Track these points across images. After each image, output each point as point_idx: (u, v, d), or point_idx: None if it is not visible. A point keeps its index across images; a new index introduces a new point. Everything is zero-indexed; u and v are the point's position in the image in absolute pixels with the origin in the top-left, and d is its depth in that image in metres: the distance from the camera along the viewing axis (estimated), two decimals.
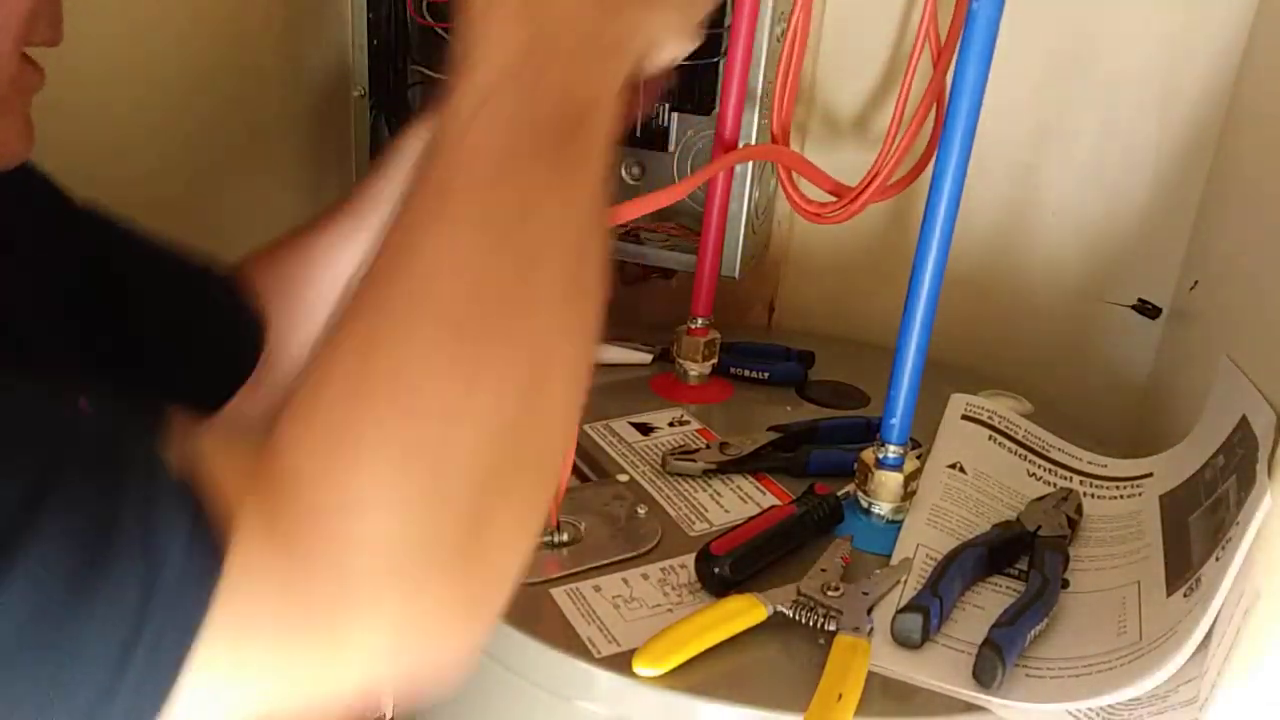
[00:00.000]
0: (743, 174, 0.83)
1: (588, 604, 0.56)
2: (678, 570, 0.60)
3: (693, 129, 0.91)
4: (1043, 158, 0.89)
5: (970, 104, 0.56)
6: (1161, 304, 0.89)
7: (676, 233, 0.91)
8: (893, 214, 0.94)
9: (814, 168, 0.75)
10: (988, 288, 0.93)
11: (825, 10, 0.90)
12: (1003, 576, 0.61)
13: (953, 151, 0.57)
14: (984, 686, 0.51)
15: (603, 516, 0.64)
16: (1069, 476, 0.71)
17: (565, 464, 0.60)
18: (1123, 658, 0.52)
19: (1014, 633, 0.53)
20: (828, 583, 0.57)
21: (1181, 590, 0.54)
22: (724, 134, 0.77)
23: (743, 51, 0.76)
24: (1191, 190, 0.85)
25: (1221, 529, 0.54)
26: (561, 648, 0.53)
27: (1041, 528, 0.63)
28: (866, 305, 0.98)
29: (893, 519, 0.64)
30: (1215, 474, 0.60)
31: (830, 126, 0.94)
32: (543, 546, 0.60)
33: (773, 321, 1.02)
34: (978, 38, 0.54)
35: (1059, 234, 0.91)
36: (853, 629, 0.54)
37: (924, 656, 0.54)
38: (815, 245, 0.98)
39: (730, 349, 0.85)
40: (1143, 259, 0.89)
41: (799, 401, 0.82)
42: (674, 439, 0.74)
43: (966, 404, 0.75)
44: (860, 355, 0.90)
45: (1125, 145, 0.87)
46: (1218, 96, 0.82)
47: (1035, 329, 0.94)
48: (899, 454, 0.63)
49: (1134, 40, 0.84)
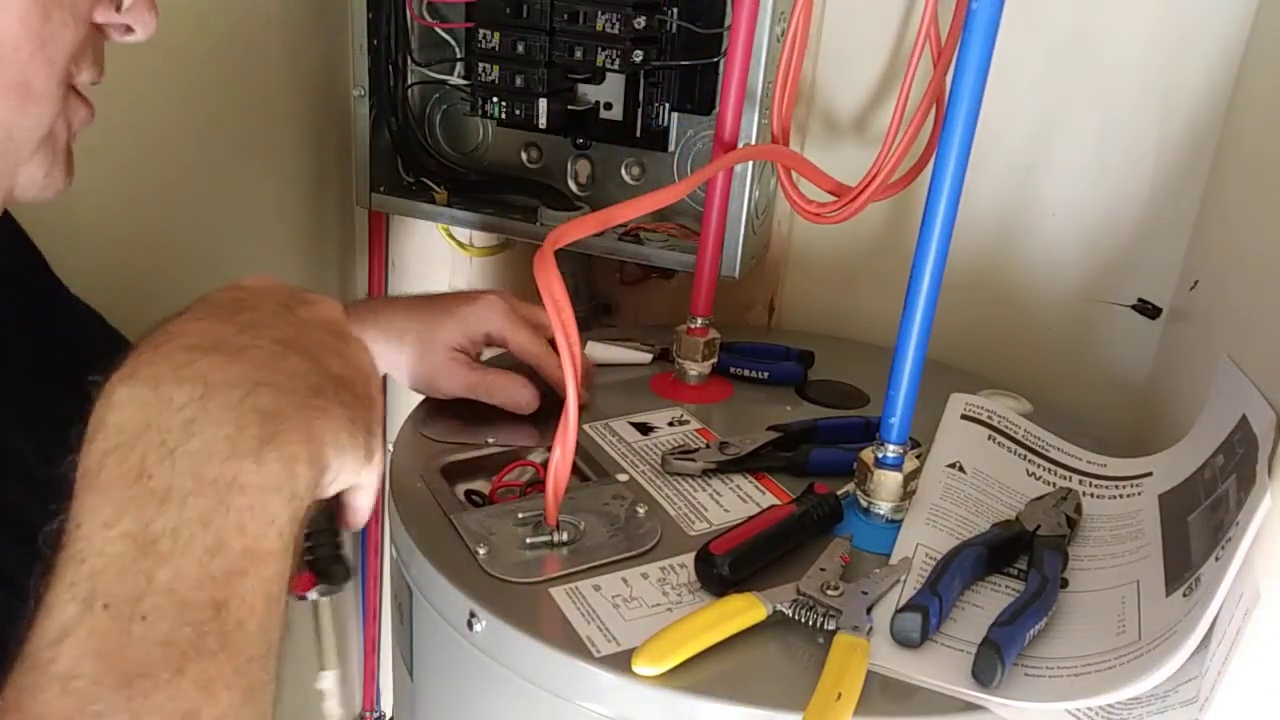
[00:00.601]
0: (743, 174, 0.83)
1: (587, 603, 0.56)
2: (677, 570, 0.60)
3: (693, 129, 0.91)
4: (1043, 158, 0.89)
5: (970, 104, 0.56)
6: (1161, 304, 0.89)
7: (676, 233, 0.92)
8: (893, 214, 0.94)
9: (814, 168, 0.75)
10: (988, 287, 0.93)
11: (825, 10, 0.90)
12: (1002, 576, 0.61)
13: (952, 151, 0.57)
14: (983, 686, 0.51)
15: (602, 516, 0.64)
16: (1068, 476, 0.71)
17: (565, 464, 0.60)
18: (1122, 657, 0.52)
19: (1013, 632, 0.52)
20: (827, 582, 0.57)
21: (1181, 590, 0.54)
22: (724, 134, 0.77)
23: (743, 51, 0.76)
24: (1191, 190, 0.85)
25: (1221, 529, 0.54)
26: (561, 647, 0.53)
27: (1041, 527, 0.63)
28: (866, 305, 0.98)
29: (892, 518, 0.64)
30: (1215, 473, 0.60)
31: (830, 126, 0.94)
32: (543, 546, 0.61)
33: (773, 321, 1.02)
34: (978, 38, 0.54)
35: (1059, 234, 0.91)
36: (852, 628, 0.54)
37: (923, 656, 0.54)
38: (815, 245, 0.98)
39: (730, 349, 0.85)
40: (1143, 259, 0.89)
41: (799, 401, 0.82)
42: (674, 439, 0.74)
43: (966, 403, 0.75)
44: (860, 355, 0.90)
45: (1125, 145, 0.87)
46: (1218, 96, 0.82)
47: (1035, 329, 0.94)
48: (898, 453, 0.63)
49: (1134, 40, 0.84)
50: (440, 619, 0.59)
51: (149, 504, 0.34)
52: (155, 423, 0.34)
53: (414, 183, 0.98)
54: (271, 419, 0.36)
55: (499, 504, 0.66)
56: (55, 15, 0.43)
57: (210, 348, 0.37)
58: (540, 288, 0.57)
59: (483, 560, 0.59)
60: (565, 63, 0.85)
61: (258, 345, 0.38)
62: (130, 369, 0.36)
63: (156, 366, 0.36)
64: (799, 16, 0.74)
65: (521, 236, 0.95)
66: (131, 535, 0.33)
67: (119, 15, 0.47)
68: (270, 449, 0.35)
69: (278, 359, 0.38)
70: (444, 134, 1.00)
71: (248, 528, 0.35)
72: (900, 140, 0.69)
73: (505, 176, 0.98)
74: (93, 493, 0.34)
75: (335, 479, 0.39)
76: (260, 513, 0.35)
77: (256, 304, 0.40)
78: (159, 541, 0.33)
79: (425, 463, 0.70)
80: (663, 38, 0.86)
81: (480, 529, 0.62)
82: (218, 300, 0.40)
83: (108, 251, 0.82)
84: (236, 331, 0.38)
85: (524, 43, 0.85)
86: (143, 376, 0.35)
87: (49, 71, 0.44)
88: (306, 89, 1.02)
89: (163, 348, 0.36)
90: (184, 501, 0.34)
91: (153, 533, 0.33)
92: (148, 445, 0.34)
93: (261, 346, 0.38)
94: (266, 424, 0.36)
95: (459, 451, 0.71)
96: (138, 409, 0.35)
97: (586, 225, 0.59)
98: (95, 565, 0.33)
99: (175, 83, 0.85)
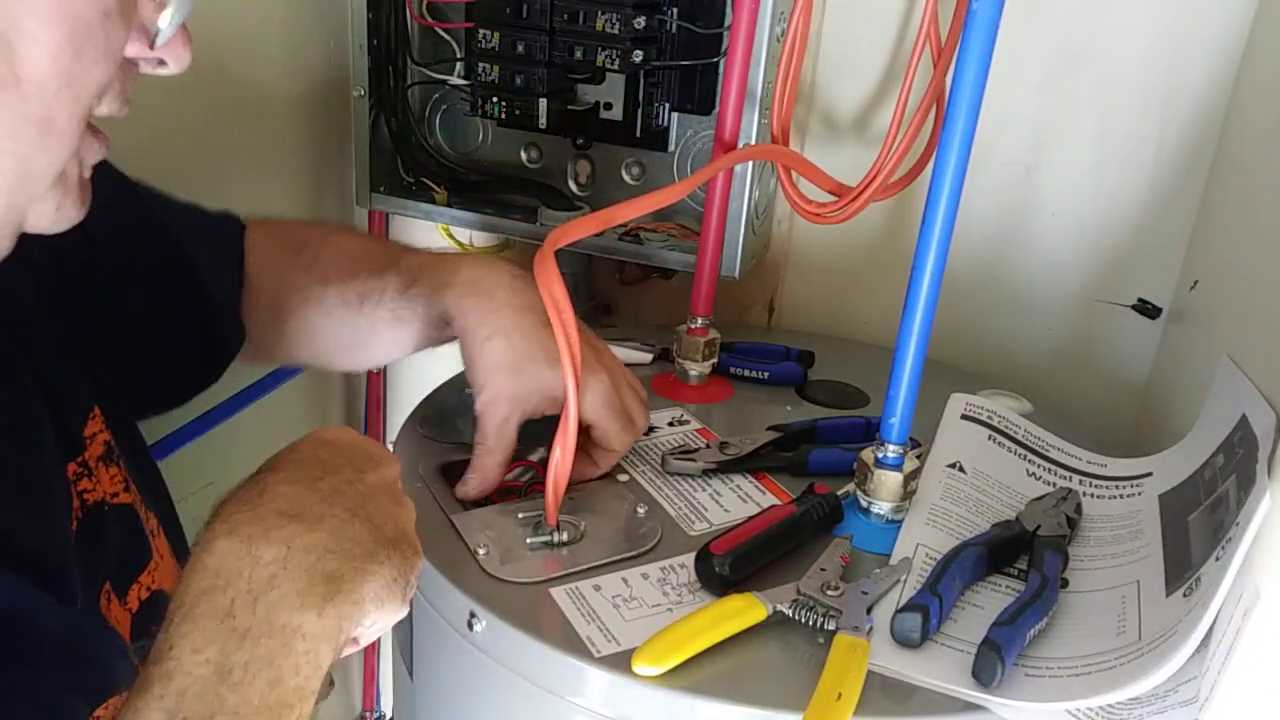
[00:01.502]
0: (743, 174, 0.83)
1: (587, 603, 0.56)
2: (677, 570, 0.60)
3: (693, 129, 0.91)
4: (1042, 158, 0.89)
5: (970, 104, 0.56)
6: (1161, 304, 0.89)
7: (676, 233, 0.92)
8: (893, 214, 0.94)
9: (814, 168, 0.75)
10: (988, 287, 0.93)
11: (825, 10, 0.90)
12: (1002, 576, 0.61)
13: (952, 151, 0.57)
14: (983, 686, 0.51)
15: (602, 516, 0.64)
16: (1068, 476, 0.71)
17: (565, 464, 0.60)
18: (1122, 657, 0.52)
19: (1013, 632, 0.53)
20: (827, 582, 0.57)
21: (1181, 590, 0.54)
22: (724, 134, 0.77)
23: (743, 51, 0.76)
24: (1191, 190, 0.85)
25: (1221, 529, 0.54)
26: (561, 647, 0.53)
27: (1041, 527, 0.63)
28: (866, 305, 0.98)
29: (892, 518, 0.64)
30: (1215, 473, 0.60)
31: (830, 126, 0.94)
32: (543, 546, 0.61)
33: (773, 321, 1.02)
34: (977, 38, 0.54)
35: (1059, 234, 0.91)
36: (852, 628, 0.54)
37: (923, 656, 0.54)
38: (815, 245, 0.98)
39: (730, 349, 0.85)
40: (1143, 259, 0.89)
41: (799, 401, 0.82)
42: (674, 439, 0.74)
43: (966, 403, 0.75)
44: (860, 355, 0.90)
45: (1125, 145, 0.87)
46: (1218, 97, 0.82)
47: (1035, 329, 0.94)
48: (899, 453, 0.63)
49: (1134, 40, 0.84)
50: (440, 619, 0.59)
51: (231, 639, 0.41)
52: (245, 574, 0.42)
53: (414, 183, 0.98)
54: (334, 581, 0.43)
55: (499, 504, 0.66)
56: (88, 54, 0.42)
57: (295, 515, 0.44)
58: (540, 288, 0.57)
59: (483, 560, 0.59)
60: (565, 63, 0.85)
61: (333, 514, 0.45)
62: (230, 525, 0.43)
63: (252, 527, 0.43)
64: (799, 16, 0.74)
65: (521, 236, 0.95)
66: (214, 663, 0.40)
67: (153, 51, 0.46)
68: (330, 606, 0.43)
69: (345, 527, 0.45)
70: (444, 134, 1.00)
71: (301, 669, 0.42)
72: (900, 140, 0.69)
73: (505, 176, 0.98)
74: (187, 622, 0.41)
75: (373, 625, 0.46)
76: (313, 657, 0.42)
77: (336, 468, 0.47)
78: (234, 671, 0.40)
79: (425, 463, 0.70)
80: (663, 38, 0.86)
81: (480, 529, 0.62)
82: (304, 460, 0.48)
83: None
84: (318, 500, 0.45)
85: (524, 43, 0.85)
86: (240, 534, 0.43)
87: (72, 109, 0.43)
88: (306, 89, 1.02)
89: (258, 510, 0.44)
90: (258, 641, 0.41)
91: (231, 664, 0.40)
92: (237, 591, 0.42)
93: (335, 515, 0.45)
94: (330, 585, 0.43)
95: (459, 451, 0.71)
96: (232, 560, 0.42)
97: (586, 225, 0.60)
98: (181, 684, 0.40)
99: (175, 83, 0.85)
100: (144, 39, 0.45)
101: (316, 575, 0.43)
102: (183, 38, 0.47)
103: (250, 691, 0.40)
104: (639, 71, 0.87)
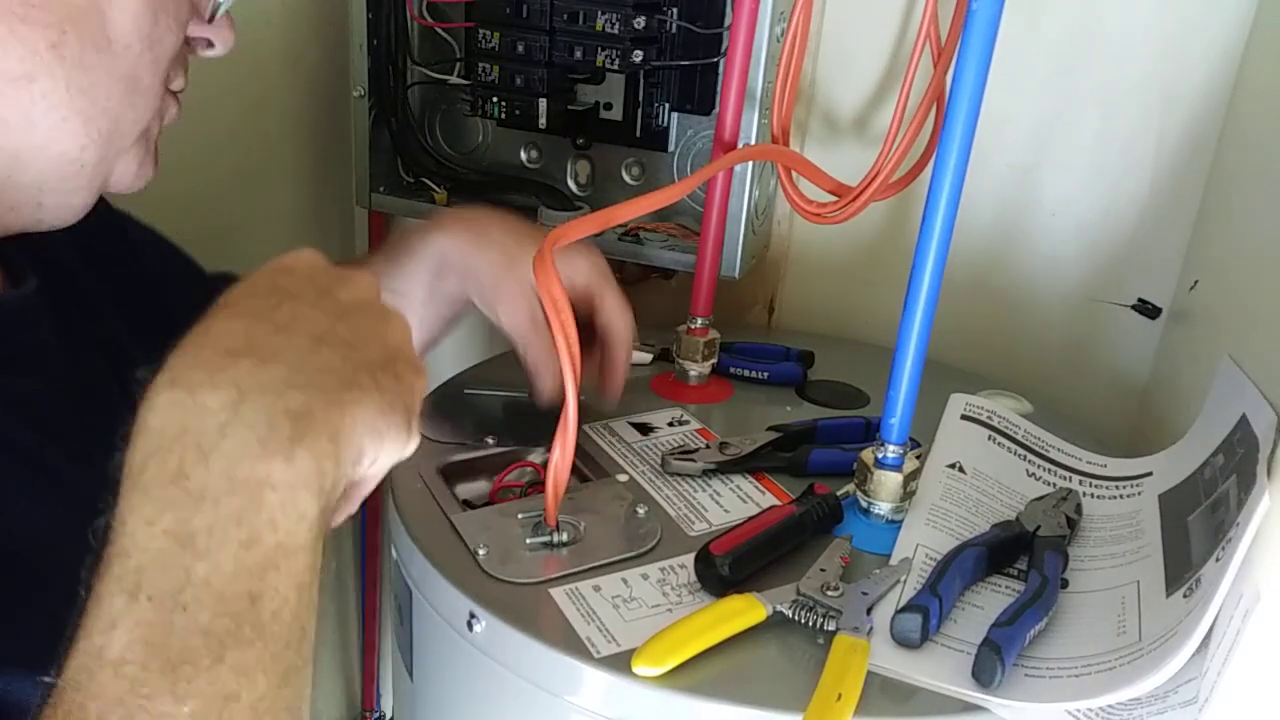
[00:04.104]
0: (743, 174, 0.83)
1: (587, 604, 0.56)
2: (677, 570, 0.60)
3: (693, 129, 0.91)
4: (1043, 158, 0.89)
5: (970, 104, 0.56)
6: (1161, 304, 0.89)
7: (676, 233, 0.92)
8: (893, 214, 0.94)
9: (814, 168, 0.75)
10: (987, 287, 0.93)
11: (825, 10, 0.90)
12: (1002, 576, 0.61)
13: (952, 151, 0.57)
14: (983, 686, 0.51)
15: (602, 516, 0.64)
16: (1068, 476, 0.71)
17: (565, 464, 0.60)
18: (1122, 658, 0.52)
19: (1013, 632, 0.53)
20: (827, 582, 0.57)
21: (1181, 590, 0.54)
22: (724, 134, 0.77)
23: (743, 51, 0.76)
24: (1191, 190, 0.85)
25: (1221, 529, 0.54)
26: (561, 648, 0.53)
27: (1041, 527, 0.63)
28: (866, 305, 0.98)
29: (892, 519, 0.64)
30: (1215, 473, 0.60)
31: (830, 126, 0.94)
32: (543, 547, 0.61)
33: (773, 321, 1.02)
34: (978, 38, 0.54)
35: (1059, 234, 0.91)
36: (852, 629, 0.54)
37: (923, 656, 0.54)
38: (815, 245, 0.98)
39: (730, 349, 0.85)
40: (1143, 259, 0.89)
41: (799, 401, 0.82)
42: (673, 439, 0.74)
43: (966, 404, 0.75)
44: (860, 355, 0.90)
45: (1125, 145, 0.87)
46: (1218, 96, 0.82)
47: (1035, 329, 0.94)
48: (898, 454, 0.63)
49: (1134, 40, 0.84)
50: (440, 619, 0.59)
51: (186, 503, 0.36)
52: (191, 427, 0.36)
53: (414, 183, 0.98)
54: (302, 419, 0.37)
55: (499, 504, 0.66)
56: (162, 20, 0.49)
57: (244, 352, 0.38)
58: (540, 288, 0.57)
59: (483, 561, 0.59)
60: (565, 63, 0.85)
61: (292, 345, 0.39)
62: (171, 374, 0.38)
63: (196, 372, 0.37)
64: (799, 16, 0.74)
65: None
66: (171, 532, 0.35)
67: (206, 29, 0.53)
68: (301, 448, 0.37)
69: (309, 356, 0.39)
70: (444, 134, 1.00)
71: (279, 524, 0.37)
72: (900, 140, 0.69)
73: (505, 176, 0.98)
74: (136, 492, 0.36)
75: (376, 461, 0.41)
76: (291, 509, 0.37)
77: (297, 292, 0.42)
78: (196, 538, 0.35)
79: (425, 463, 0.69)
80: (663, 38, 0.86)
81: (480, 529, 0.62)
82: (259, 288, 0.42)
83: None
84: (272, 331, 0.39)
85: (524, 43, 0.85)
86: (181, 382, 0.37)
87: (154, 70, 0.50)
88: (306, 89, 1.02)
89: (202, 352, 0.38)
90: (218, 501, 0.36)
91: (190, 530, 0.35)
92: (184, 448, 0.36)
93: (295, 345, 0.39)
94: (297, 424, 0.37)
95: (459, 451, 0.71)
96: (176, 414, 0.37)
97: (586, 225, 0.59)
98: (139, 560, 0.35)
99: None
100: (201, 19, 0.52)
101: (279, 415, 0.37)
102: (229, 20, 0.54)
103: (221, 557, 0.35)
104: (639, 71, 0.87)
